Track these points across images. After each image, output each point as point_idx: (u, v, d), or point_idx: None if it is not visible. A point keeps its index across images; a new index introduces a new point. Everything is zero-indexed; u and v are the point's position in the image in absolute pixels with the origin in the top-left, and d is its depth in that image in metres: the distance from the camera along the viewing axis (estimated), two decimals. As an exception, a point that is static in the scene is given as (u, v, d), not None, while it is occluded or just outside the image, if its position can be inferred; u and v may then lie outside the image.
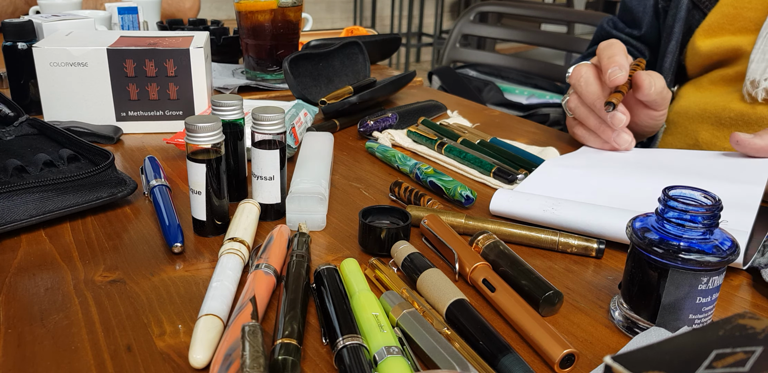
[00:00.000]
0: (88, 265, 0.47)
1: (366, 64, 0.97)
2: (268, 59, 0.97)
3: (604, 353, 0.40)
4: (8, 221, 0.50)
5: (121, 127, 0.76)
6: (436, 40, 4.43)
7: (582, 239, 0.51)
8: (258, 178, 0.54)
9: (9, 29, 0.79)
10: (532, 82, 1.39)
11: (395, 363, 0.35)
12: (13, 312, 0.41)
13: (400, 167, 0.67)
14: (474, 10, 1.54)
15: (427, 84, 1.74)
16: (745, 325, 0.23)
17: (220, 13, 3.92)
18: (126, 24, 1.14)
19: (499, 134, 0.81)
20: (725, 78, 0.77)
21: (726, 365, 0.20)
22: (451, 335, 0.39)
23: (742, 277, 0.49)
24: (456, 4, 4.87)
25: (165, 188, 0.57)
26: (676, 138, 0.82)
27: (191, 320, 0.41)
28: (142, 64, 0.74)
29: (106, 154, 0.58)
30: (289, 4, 0.93)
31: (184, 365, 0.37)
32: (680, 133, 0.81)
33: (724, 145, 0.75)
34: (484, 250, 0.48)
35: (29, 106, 0.82)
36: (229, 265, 0.45)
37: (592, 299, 0.45)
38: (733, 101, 0.75)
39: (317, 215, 0.54)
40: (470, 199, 0.58)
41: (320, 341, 0.40)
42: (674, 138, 0.82)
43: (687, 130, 0.80)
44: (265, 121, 0.52)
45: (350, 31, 1.21)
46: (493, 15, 3.41)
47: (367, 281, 0.45)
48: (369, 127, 0.77)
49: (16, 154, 0.62)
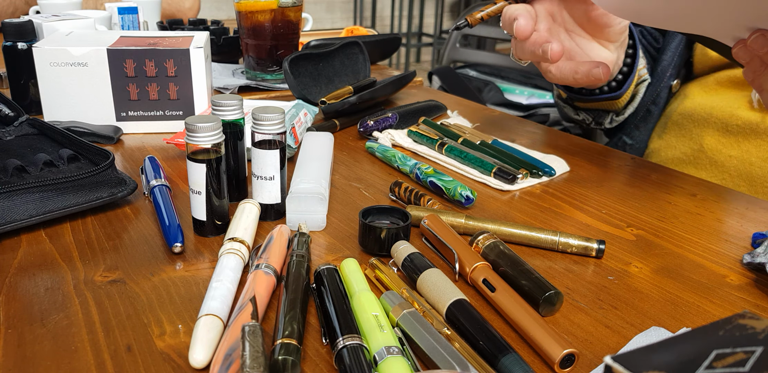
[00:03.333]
0: (88, 265, 0.47)
1: (366, 64, 0.97)
2: (268, 59, 0.97)
3: (604, 353, 0.40)
4: (8, 221, 0.50)
5: (121, 127, 0.76)
6: (436, 40, 4.43)
7: (582, 239, 0.51)
8: (258, 178, 0.54)
9: (9, 29, 0.79)
10: (532, 82, 1.39)
11: (395, 363, 0.35)
12: (13, 312, 0.41)
13: (400, 167, 0.67)
14: (474, 10, 1.54)
15: (427, 84, 1.74)
16: (745, 325, 0.23)
17: (220, 13, 3.92)
18: (126, 24, 1.14)
19: (499, 134, 0.81)
20: (733, 80, 0.77)
21: (726, 365, 0.20)
22: (451, 335, 0.39)
23: (742, 277, 0.49)
24: (456, 4, 4.87)
25: (165, 187, 0.57)
26: (679, 141, 0.81)
27: (191, 320, 0.41)
28: (142, 64, 0.74)
29: (106, 154, 0.58)
30: (289, 4, 0.93)
31: (184, 365, 0.37)
32: (684, 135, 0.81)
33: (729, 152, 0.75)
34: (484, 250, 0.48)
35: (29, 106, 0.82)
36: (229, 265, 0.45)
37: (592, 299, 0.45)
38: (741, 108, 0.74)
39: (317, 215, 0.54)
40: (470, 199, 0.58)
41: (320, 341, 0.40)
42: (677, 140, 0.82)
43: (691, 133, 0.79)
44: (265, 121, 0.52)
45: (350, 31, 1.21)
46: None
47: (367, 281, 0.45)
48: (369, 127, 0.77)
49: (16, 154, 0.62)
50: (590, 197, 0.63)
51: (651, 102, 0.86)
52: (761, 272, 0.49)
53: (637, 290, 0.47)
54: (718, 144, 0.76)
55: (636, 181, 0.67)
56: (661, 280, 0.48)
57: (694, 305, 0.45)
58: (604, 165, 0.72)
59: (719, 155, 0.76)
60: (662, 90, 0.85)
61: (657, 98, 0.86)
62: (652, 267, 0.50)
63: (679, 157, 0.82)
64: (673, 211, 0.60)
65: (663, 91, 0.85)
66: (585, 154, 0.75)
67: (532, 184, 0.65)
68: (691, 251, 0.53)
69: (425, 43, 4.58)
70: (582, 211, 0.60)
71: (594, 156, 0.74)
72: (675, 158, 0.83)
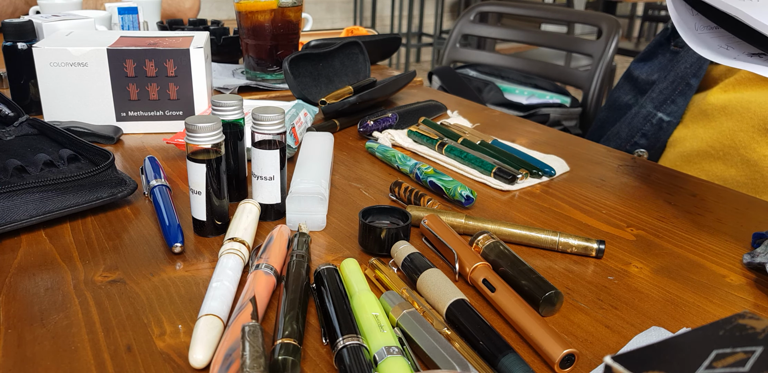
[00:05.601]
0: (88, 265, 0.47)
1: (366, 64, 0.97)
2: (268, 59, 0.97)
3: (604, 353, 0.40)
4: (8, 221, 0.50)
5: (121, 127, 0.76)
6: (436, 40, 4.43)
7: (582, 239, 0.51)
8: (258, 178, 0.54)
9: (9, 29, 0.79)
10: (532, 82, 1.39)
11: (395, 363, 0.35)
12: (13, 312, 0.41)
13: (400, 167, 0.67)
14: (474, 10, 1.54)
15: (427, 84, 1.74)
16: (745, 325, 0.23)
17: (220, 13, 3.92)
18: (126, 24, 1.14)
19: (499, 134, 0.81)
20: None
21: (726, 365, 0.20)
22: (451, 335, 0.39)
23: (742, 277, 0.49)
24: (456, 4, 4.87)
25: (165, 188, 0.57)
26: (707, 132, 0.76)
27: (191, 320, 0.41)
28: (142, 64, 0.74)
29: (106, 155, 0.58)
30: (289, 4, 0.93)
31: (184, 365, 0.37)
32: (713, 128, 0.75)
33: (765, 152, 0.70)
34: (484, 250, 0.48)
35: (29, 106, 0.82)
36: (229, 265, 0.45)
37: (592, 299, 0.45)
38: None
39: (317, 215, 0.54)
40: (470, 199, 0.58)
41: (320, 341, 0.40)
42: (705, 132, 0.76)
43: (722, 126, 0.74)
44: (265, 121, 0.52)
45: (350, 31, 1.21)
46: (493, 15, 3.40)
47: (367, 281, 0.45)
48: (369, 127, 0.77)
49: (16, 154, 0.62)
50: (590, 197, 0.63)
51: (693, 74, 0.82)
52: (761, 272, 0.49)
53: (637, 290, 0.47)
54: (752, 142, 0.72)
55: (636, 181, 0.67)
56: (661, 280, 0.48)
57: (694, 305, 0.45)
58: (604, 165, 0.72)
59: (753, 154, 0.73)
60: (704, 64, 0.81)
61: (699, 71, 0.81)
62: (652, 267, 0.50)
63: (705, 150, 0.78)
64: (673, 211, 0.60)
65: (705, 64, 0.81)
66: (585, 154, 0.75)
67: (532, 184, 0.65)
68: (691, 251, 0.53)
69: (425, 43, 4.58)
70: (582, 211, 0.60)
71: (594, 156, 0.74)
72: (700, 150, 0.79)
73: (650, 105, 0.86)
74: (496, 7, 1.58)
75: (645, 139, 0.87)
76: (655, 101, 0.85)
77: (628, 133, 0.89)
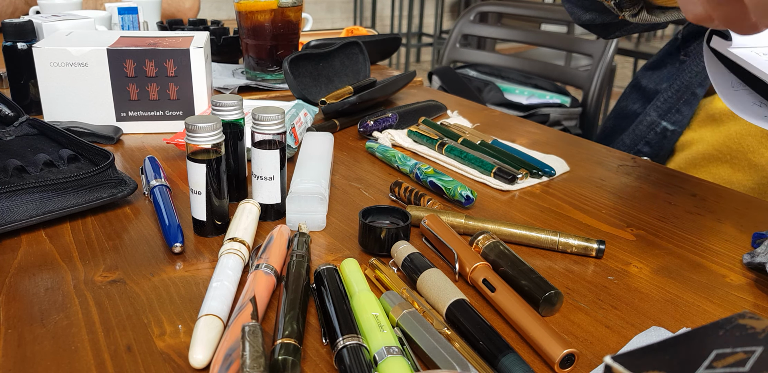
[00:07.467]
0: (88, 265, 0.47)
1: (366, 64, 0.97)
2: (268, 59, 0.97)
3: (604, 353, 0.40)
4: (8, 221, 0.50)
5: (121, 128, 0.76)
6: (436, 40, 4.43)
7: (582, 239, 0.51)
8: (258, 178, 0.54)
9: (9, 29, 0.79)
10: (532, 82, 1.40)
11: (395, 363, 0.35)
12: (13, 312, 0.41)
13: (400, 167, 0.67)
14: (474, 10, 1.54)
15: (427, 84, 1.74)
16: (745, 325, 0.23)
17: (220, 13, 3.92)
18: (126, 24, 1.14)
19: (499, 134, 0.81)
20: None
21: (726, 365, 0.20)
22: (451, 335, 0.39)
23: (742, 277, 0.49)
24: (456, 4, 4.87)
25: (165, 188, 0.57)
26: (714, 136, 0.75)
27: (191, 320, 0.41)
28: (142, 64, 0.74)
29: (106, 155, 0.58)
30: (289, 4, 0.93)
31: (184, 365, 0.37)
32: (721, 132, 0.75)
33: None
34: (484, 250, 0.48)
35: (29, 106, 0.82)
36: (229, 265, 0.45)
37: (592, 299, 0.45)
38: None
39: (317, 215, 0.54)
40: (470, 199, 0.58)
41: (320, 341, 0.40)
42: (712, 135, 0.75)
43: (729, 130, 0.74)
44: (265, 121, 0.52)
45: (350, 31, 1.21)
46: (493, 15, 3.40)
47: (367, 281, 0.45)
48: (369, 127, 0.77)
49: (16, 154, 0.62)
50: (590, 197, 0.63)
51: (698, 84, 0.81)
52: (761, 272, 0.49)
53: (637, 290, 0.47)
54: (760, 146, 0.72)
55: (636, 181, 0.67)
56: (661, 280, 0.48)
57: (694, 305, 0.45)
58: (604, 165, 0.72)
59: (760, 158, 0.72)
60: None
61: (705, 81, 0.81)
62: (652, 267, 0.50)
63: (713, 154, 0.78)
64: (673, 211, 0.60)
65: None
66: (585, 154, 0.75)
67: (532, 184, 0.65)
68: (691, 251, 0.53)
69: (425, 43, 4.58)
70: (582, 211, 0.60)
71: (594, 156, 0.74)
72: (707, 154, 0.79)
73: (654, 113, 0.86)
74: (496, 7, 1.58)
75: (648, 147, 0.86)
76: (659, 110, 0.85)
77: (632, 141, 0.89)
